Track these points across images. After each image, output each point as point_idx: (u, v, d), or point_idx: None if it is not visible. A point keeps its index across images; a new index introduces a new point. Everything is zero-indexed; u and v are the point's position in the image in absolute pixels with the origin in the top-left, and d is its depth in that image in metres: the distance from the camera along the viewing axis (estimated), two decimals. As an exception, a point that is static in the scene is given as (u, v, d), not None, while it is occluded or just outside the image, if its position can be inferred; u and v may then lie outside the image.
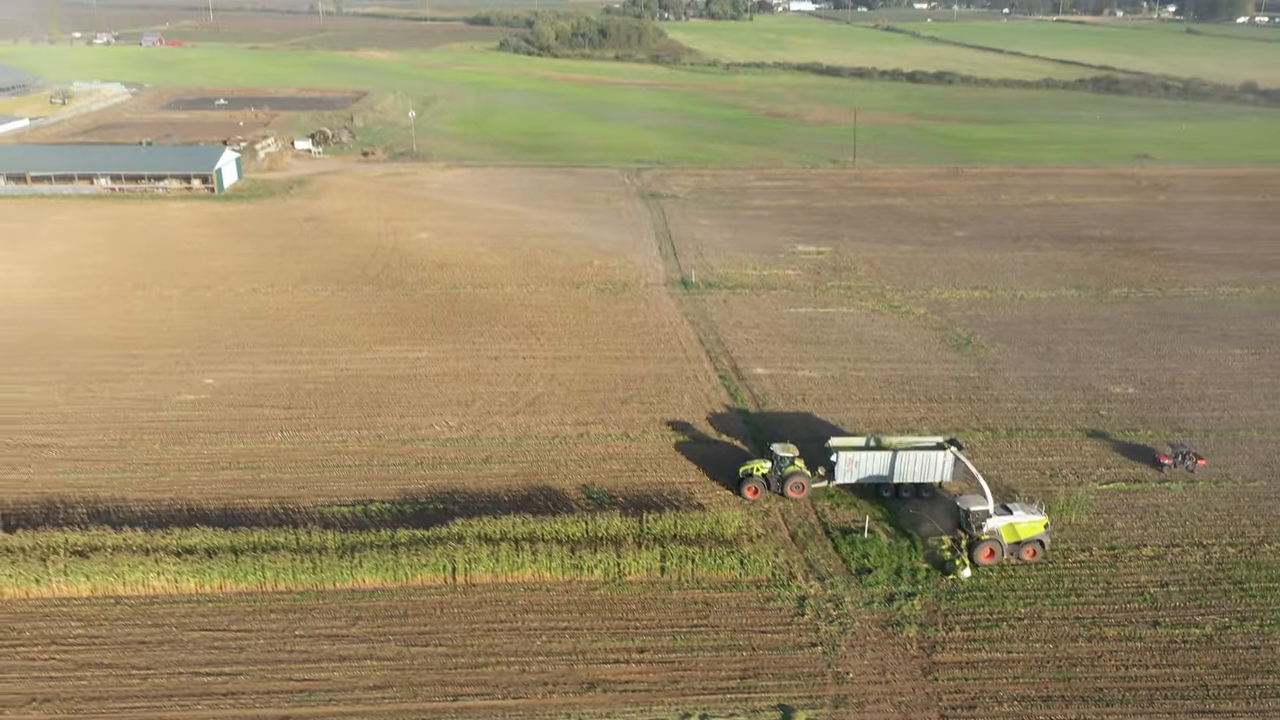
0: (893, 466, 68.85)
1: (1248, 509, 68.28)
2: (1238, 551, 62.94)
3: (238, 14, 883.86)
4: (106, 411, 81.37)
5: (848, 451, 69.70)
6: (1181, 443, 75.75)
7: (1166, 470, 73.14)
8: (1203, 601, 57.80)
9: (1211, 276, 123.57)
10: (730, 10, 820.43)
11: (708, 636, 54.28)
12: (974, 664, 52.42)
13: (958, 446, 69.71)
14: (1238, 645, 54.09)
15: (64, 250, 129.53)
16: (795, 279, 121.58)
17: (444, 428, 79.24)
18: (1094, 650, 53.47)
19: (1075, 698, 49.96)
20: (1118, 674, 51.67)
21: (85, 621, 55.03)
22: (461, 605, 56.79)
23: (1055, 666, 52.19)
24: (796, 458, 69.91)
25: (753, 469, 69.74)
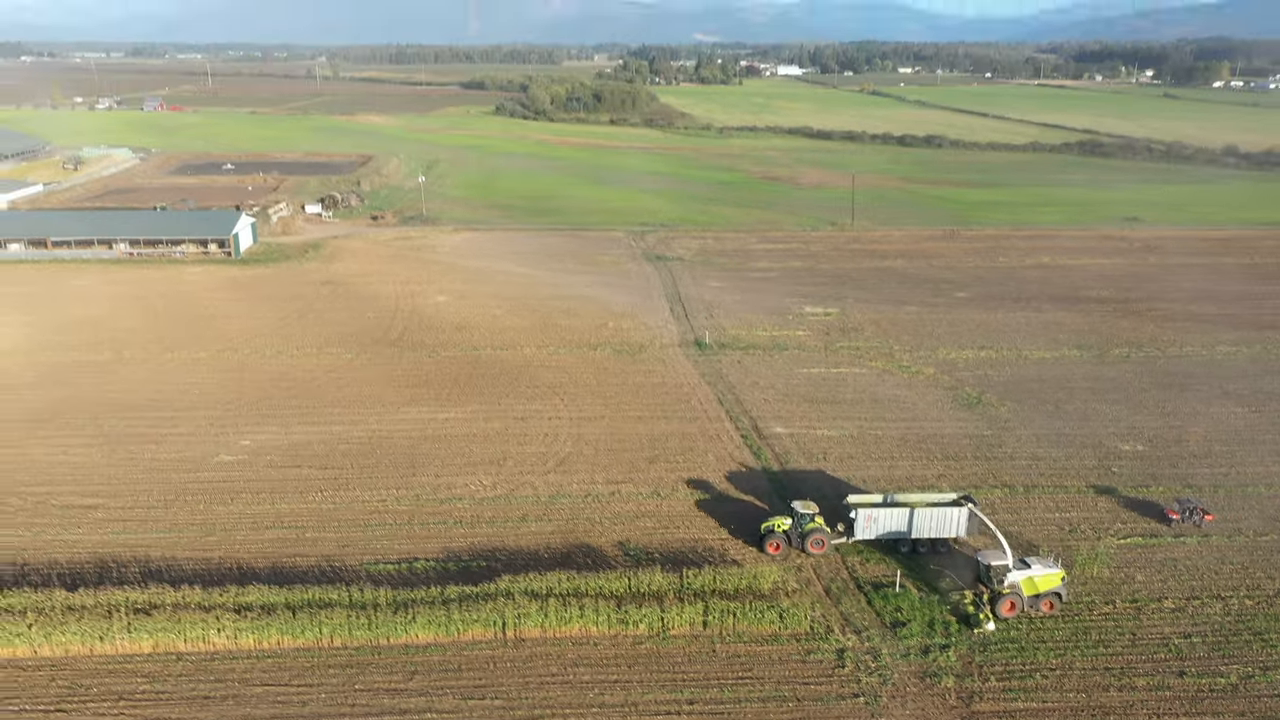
0: (910, 522, 71.36)
1: (1262, 562, 70.89)
2: (1255, 604, 65.40)
3: (235, 79, 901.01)
4: (148, 473, 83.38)
5: (866, 508, 72.25)
6: (1188, 499, 78.52)
7: (1174, 525, 75.78)
8: (1226, 652, 60.12)
9: (1208, 336, 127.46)
10: (720, 75, 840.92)
11: (753, 688, 56.26)
12: (1012, 713, 54.52)
13: (971, 503, 72.32)
14: (1262, 694, 56.34)
15: (87, 315, 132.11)
16: (805, 340, 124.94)
17: (479, 487, 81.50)
18: (1125, 699, 55.64)
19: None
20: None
21: (150, 678, 56.67)
22: (513, 659, 58.69)
23: (1089, 715, 54.33)
24: (816, 515, 72.40)
25: (774, 525, 72.16)
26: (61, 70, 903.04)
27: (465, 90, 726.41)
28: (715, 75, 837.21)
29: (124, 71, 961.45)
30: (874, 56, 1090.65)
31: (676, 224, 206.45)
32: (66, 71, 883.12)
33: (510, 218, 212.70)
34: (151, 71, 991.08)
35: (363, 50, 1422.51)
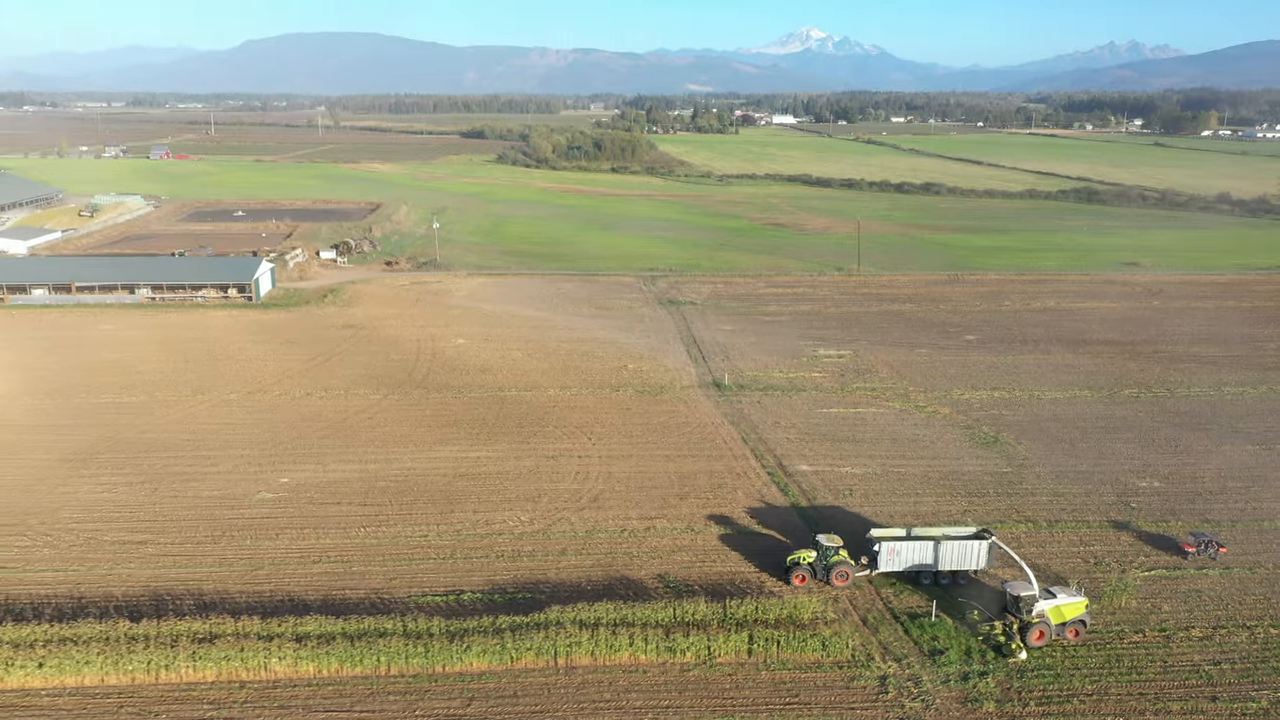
0: (933, 555, 73.58)
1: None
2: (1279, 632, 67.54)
3: (237, 128, 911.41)
4: (193, 510, 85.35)
5: (889, 541, 74.48)
6: (1203, 532, 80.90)
7: (1191, 558, 78.05)
8: (1255, 678, 62.15)
9: (1214, 377, 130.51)
10: (716, 124, 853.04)
11: (802, 713, 58.12)
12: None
13: (990, 536, 74.57)
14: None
15: (117, 358, 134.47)
16: (821, 381, 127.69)
17: (517, 523, 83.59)
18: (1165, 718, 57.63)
19: (1150, 766, 53.93)
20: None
21: (215, 704, 58.34)
22: (566, 686, 60.49)
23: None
24: (841, 548, 74.62)
25: (799, 558, 74.28)
26: (64, 119, 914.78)
27: (466, 139, 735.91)
28: (712, 124, 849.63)
29: (126, 121, 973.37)
30: (867, 106, 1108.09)
31: (686, 269, 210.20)
32: (69, 120, 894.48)
33: (522, 263, 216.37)
34: (154, 120, 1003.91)
35: (362, 100, 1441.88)
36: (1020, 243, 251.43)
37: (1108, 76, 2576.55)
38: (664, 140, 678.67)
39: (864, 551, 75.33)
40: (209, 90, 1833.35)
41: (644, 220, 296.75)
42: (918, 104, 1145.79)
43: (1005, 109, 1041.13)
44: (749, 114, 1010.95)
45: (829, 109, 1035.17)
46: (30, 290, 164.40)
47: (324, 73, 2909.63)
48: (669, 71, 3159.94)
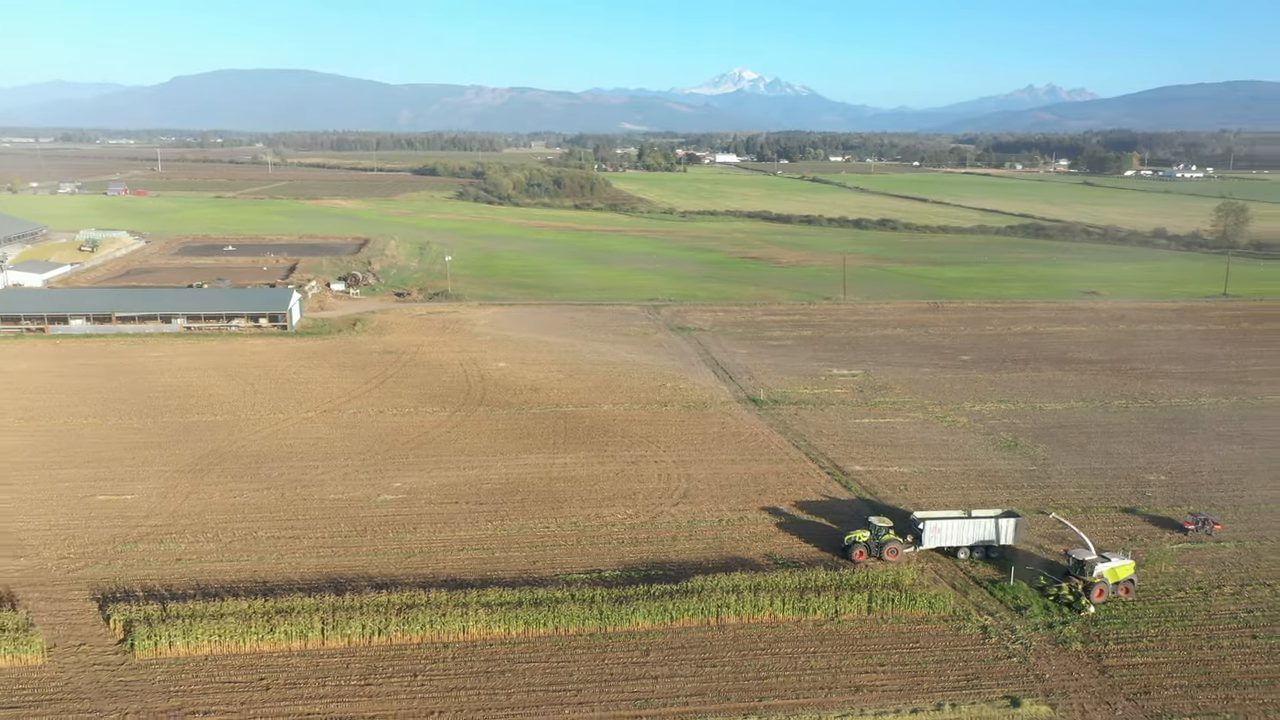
0: (971, 532, 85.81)
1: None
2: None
3: (181, 164, 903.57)
4: (327, 511, 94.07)
5: (932, 521, 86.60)
6: (1200, 512, 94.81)
7: (1190, 534, 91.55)
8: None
9: (1190, 389, 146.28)
10: (663, 162, 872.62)
11: (927, 654, 69.52)
12: (1133, 666, 68.59)
13: (1016, 517, 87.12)
14: (1318, 648, 71.49)
15: (180, 382, 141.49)
16: (844, 396, 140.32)
17: (624, 515, 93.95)
18: (1217, 655, 70.18)
19: (1215, 685, 66.31)
20: (1241, 669, 68.36)
21: (428, 660, 67.56)
22: (723, 640, 71.01)
23: (1194, 665, 68.69)
24: (890, 528, 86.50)
25: (856, 537, 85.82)
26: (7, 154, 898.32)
27: (418, 176, 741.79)
28: (659, 163, 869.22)
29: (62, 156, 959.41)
30: (805, 145, 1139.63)
31: (682, 299, 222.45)
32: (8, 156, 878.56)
33: (526, 294, 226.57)
34: (90, 157, 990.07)
35: (302, 137, 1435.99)
36: (985, 274, 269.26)
37: (1029, 119, 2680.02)
38: (616, 178, 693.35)
39: (909, 531, 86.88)
40: (138, 126, 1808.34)
41: (625, 254, 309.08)
42: (853, 144, 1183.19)
43: (939, 149, 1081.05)
44: (693, 153, 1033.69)
45: (771, 148, 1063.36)
46: (69, 320, 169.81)
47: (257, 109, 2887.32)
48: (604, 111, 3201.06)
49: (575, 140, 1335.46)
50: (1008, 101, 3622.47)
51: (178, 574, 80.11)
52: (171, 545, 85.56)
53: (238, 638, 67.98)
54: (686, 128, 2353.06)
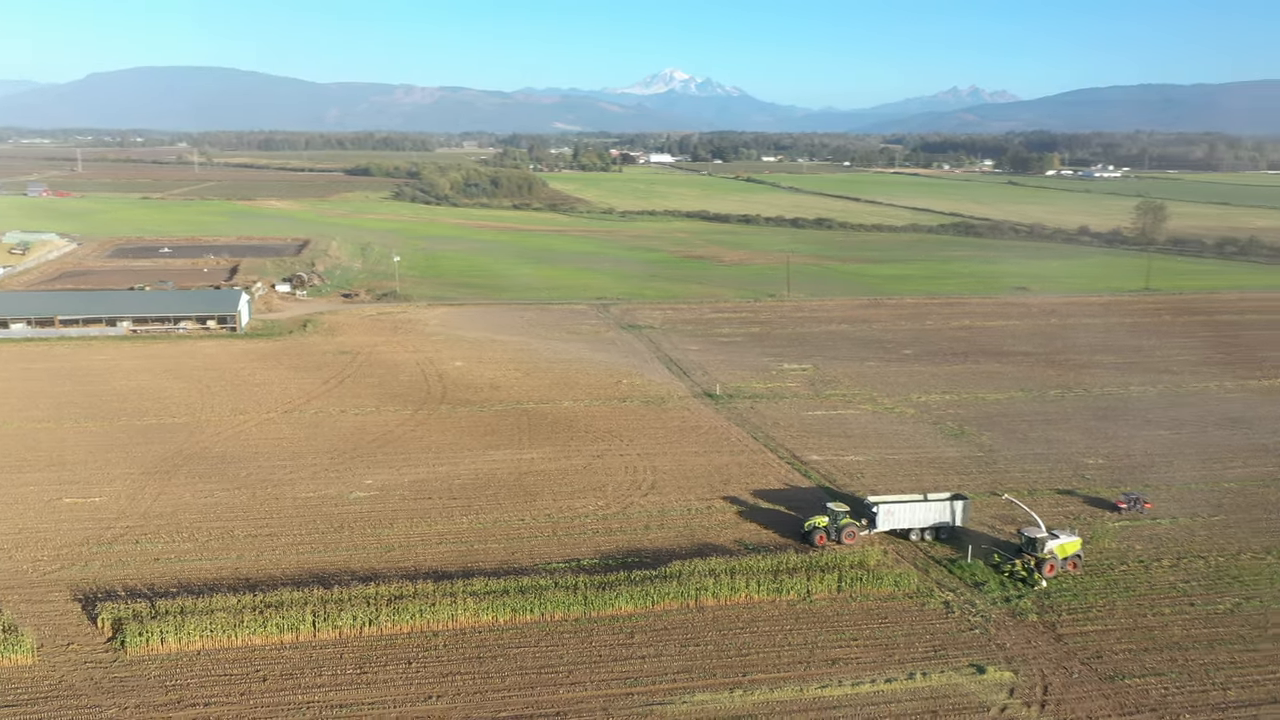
0: (921, 515, 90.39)
1: (1219, 534, 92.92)
2: (1226, 560, 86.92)
3: (101, 164, 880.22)
4: (301, 509, 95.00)
5: (886, 505, 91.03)
6: (1131, 492, 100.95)
7: (1123, 513, 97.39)
8: (1216, 589, 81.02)
9: (1120, 379, 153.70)
10: (598, 162, 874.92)
11: (896, 628, 73.51)
12: (1085, 633, 73.41)
13: (963, 500, 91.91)
14: (1250, 614, 77.06)
15: (133, 385, 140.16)
16: (796, 389, 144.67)
17: (595, 507, 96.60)
18: (1160, 621, 75.41)
19: (1160, 648, 71.40)
20: (1182, 633, 73.62)
21: (421, 649, 69.44)
22: (703, 621, 74.13)
23: (1139, 631, 73.76)
24: (847, 513, 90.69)
25: (816, 523, 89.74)
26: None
27: (351, 176, 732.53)
28: (594, 162, 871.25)
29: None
30: (738, 145, 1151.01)
31: (630, 298, 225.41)
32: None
33: (474, 294, 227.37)
34: (3, 156, 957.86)
35: (227, 136, 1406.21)
36: (920, 271, 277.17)
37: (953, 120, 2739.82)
38: (553, 178, 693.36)
39: (864, 515, 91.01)
40: (52, 125, 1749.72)
41: (568, 254, 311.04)
42: (784, 144, 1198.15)
43: (868, 149, 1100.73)
44: (628, 153, 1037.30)
45: (704, 148, 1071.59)
46: (9, 325, 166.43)
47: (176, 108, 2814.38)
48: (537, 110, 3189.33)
49: (509, 140, 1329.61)
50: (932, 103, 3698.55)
51: (158, 573, 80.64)
52: (148, 545, 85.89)
53: (229, 632, 69.12)
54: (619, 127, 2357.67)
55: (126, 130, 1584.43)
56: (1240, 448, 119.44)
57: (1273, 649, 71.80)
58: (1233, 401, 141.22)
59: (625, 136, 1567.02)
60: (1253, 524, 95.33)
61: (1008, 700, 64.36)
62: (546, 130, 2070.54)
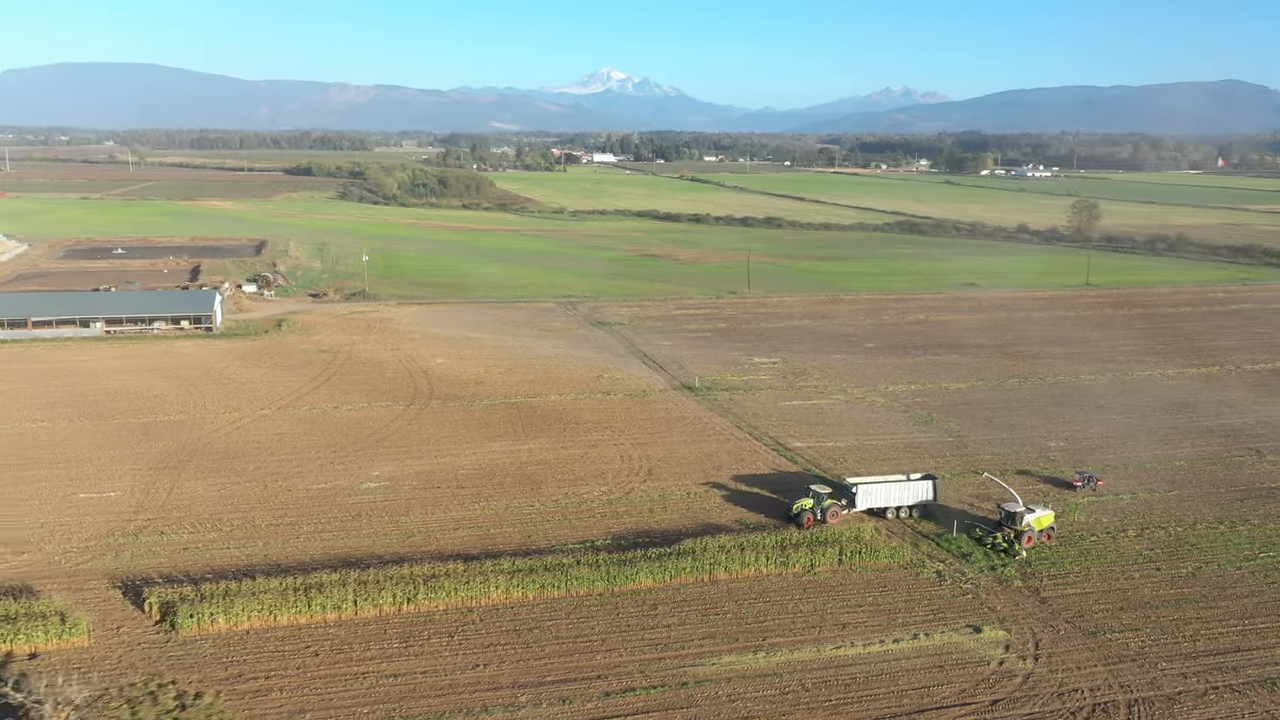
0: (897, 494, 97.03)
1: (1175, 507, 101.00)
2: (1184, 530, 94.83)
3: (29, 164, 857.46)
4: (315, 500, 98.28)
5: (865, 485, 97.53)
6: (1085, 471, 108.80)
7: (1079, 490, 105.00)
8: (1178, 555, 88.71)
9: (1070, 368, 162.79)
10: (542, 162, 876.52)
11: (895, 595, 79.69)
12: (1066, 596, 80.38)
13: (935, 479, 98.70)
14: (1210, 577, 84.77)
15: (121, 385, 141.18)
16: (770, 381, 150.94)
17: (599, 493, 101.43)
18: (1131, 584, 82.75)
19: (1133, 607, 78.62)
20: (1151, 593, 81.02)
21: (457, 624, 73.72)
22: (718, 593, 79.50)
23: (1114, 593, 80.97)
24: (829, 494, 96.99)
25: (802, 505, 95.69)
26: None
27: (292, 176, 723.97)
28: (538, 162, 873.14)
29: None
30: (679, 145, 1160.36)
31: (596, 296, 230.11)
32: None
33: (441, 293, 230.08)
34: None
35: (157, 135, 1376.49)
36: (871, 268, 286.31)
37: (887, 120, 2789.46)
38: (499, 178, 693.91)
39: (844, 495, 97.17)
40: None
41: (526, 253, 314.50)
42: (725, 144, 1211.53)
43: (808, 149, 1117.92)
44: (570, 152, 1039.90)
45: (646, 148, 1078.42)
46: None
47: (98, 106, 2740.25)
48: (474, 109, 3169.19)
49: (448, 139, 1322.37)
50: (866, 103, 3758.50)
51: (190, 561, 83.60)
52: (173, 536, 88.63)
53: (275, 612, 72.69)
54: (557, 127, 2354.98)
55: (49, 128, 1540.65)
56: (1186, 429, 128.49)
57: (1231, 606, 79.44)
58: (1176, 388, 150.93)
59: (565, 136, 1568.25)
60: (1204, 498, 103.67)
61: (1004, 655, 70.83)
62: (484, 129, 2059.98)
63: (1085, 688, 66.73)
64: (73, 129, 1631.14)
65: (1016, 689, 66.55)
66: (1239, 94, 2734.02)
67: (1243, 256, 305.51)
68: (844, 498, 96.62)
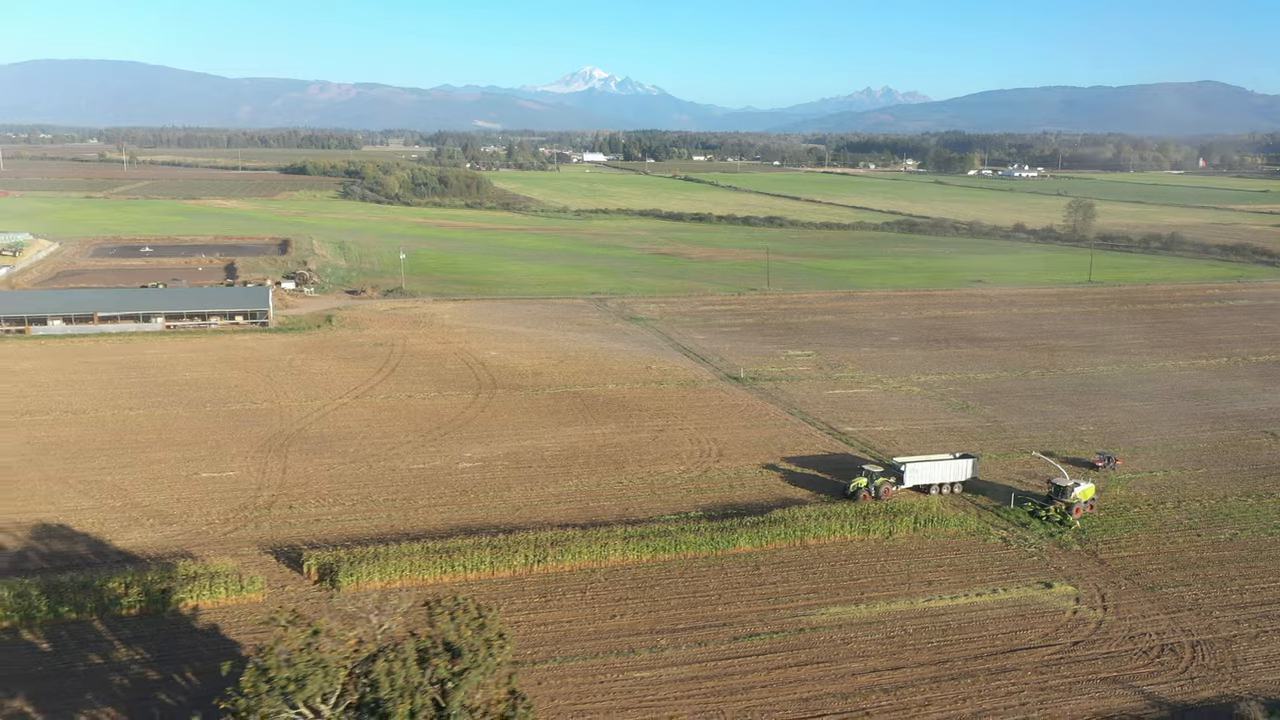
0: (940, 472, 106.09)
1: (1205, 483, 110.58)
2: (1215, 502, 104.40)
3: (19, 162, 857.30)
4: (418, 477, 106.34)
5: (912, 464, 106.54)
6: (1105, 451, 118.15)
7: (1100, 470, 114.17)
8: (1214, 523, 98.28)
9: (1087, 360, 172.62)
10: (534, 161, 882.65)
11: (970, 557, 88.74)
12: (1121, 558, 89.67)
13: (973, 458, 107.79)
14: (1246, 541, 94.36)
15: (196, 376, 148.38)
16: (808, 372, 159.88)
17: (679, 471, 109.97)
18: (1177, 547, 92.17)
19: (1181, 567, 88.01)
20: (1196, 555, 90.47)
21: (584, 581, 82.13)
22: (810, 556, 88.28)
23: (1163, 555, 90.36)
24: (881, 472, 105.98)
25: (858, 484, 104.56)
26: None
27: (287, 175, 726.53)
28: (530, 161, 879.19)
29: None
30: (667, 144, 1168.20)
31: (622, 292, 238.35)
32: None
33: (471, 290, 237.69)
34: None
35: (143, 133, 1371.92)
36: (879, 266, 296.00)
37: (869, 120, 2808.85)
38: (495, 177, 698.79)
39: (893, 473, 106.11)
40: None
41: (540, 252, 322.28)
42: (712, 144, 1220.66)
43: (795, 149, 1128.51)
44: (561, 151, 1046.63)
45: (635, 147, 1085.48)
46: (47, 321, 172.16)
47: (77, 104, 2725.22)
48: (456, 108, 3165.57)
49: (435, 138, 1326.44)
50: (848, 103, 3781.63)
51: (324, 531, 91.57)
52: (302, 509, 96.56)
53: (422, 572, 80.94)
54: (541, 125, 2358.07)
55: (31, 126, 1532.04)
56: (1204, 415, 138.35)
57: (1269, 565, 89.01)
58: (1188, 378, 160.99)
59: (551, 135, 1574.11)
60: (1230, 475, 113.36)
61: (1076, 606, 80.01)
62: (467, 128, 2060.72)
63: (1152, 632, 75.98)
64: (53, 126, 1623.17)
65: (1092, 633, 75.70)
66: (1216, 95, 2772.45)
67: (1234, 255, 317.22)
68: (894, 475, 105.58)
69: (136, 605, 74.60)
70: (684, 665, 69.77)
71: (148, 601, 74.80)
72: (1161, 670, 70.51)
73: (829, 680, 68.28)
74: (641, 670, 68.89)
